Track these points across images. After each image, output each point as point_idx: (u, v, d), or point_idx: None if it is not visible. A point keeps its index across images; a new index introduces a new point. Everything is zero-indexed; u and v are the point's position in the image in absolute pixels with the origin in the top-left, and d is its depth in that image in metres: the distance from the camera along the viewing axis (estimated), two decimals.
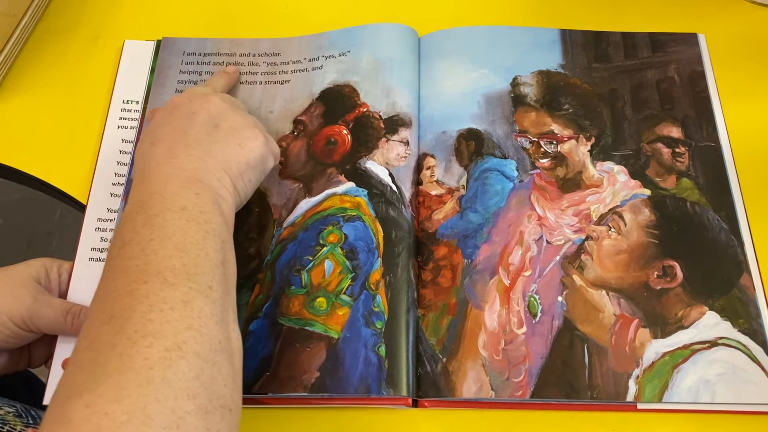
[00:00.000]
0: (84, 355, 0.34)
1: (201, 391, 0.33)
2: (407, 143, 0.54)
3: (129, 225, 0.39)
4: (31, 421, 0.46)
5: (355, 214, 0.51)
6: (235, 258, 0.42)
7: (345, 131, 0.54)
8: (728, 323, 0.47)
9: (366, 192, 0.52)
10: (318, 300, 0.48)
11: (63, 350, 0.47)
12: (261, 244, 0.50)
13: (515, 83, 0.57)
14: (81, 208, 0.53)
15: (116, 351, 0.33)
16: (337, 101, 0.56)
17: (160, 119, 0.47)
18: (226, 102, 0.48)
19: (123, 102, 0.58)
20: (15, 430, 0.44)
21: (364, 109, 0.55)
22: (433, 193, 0.53)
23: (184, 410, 0.31)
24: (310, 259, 0.49)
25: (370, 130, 0.54)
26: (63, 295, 0.49)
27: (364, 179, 0.52)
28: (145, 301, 0.35)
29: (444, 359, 0.46)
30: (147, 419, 0.30)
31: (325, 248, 0.49)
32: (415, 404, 0.46)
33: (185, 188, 0.41)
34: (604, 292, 0.48)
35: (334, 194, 0.52)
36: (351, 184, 0.52)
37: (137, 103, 0.57)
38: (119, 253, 0.38)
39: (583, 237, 0.51)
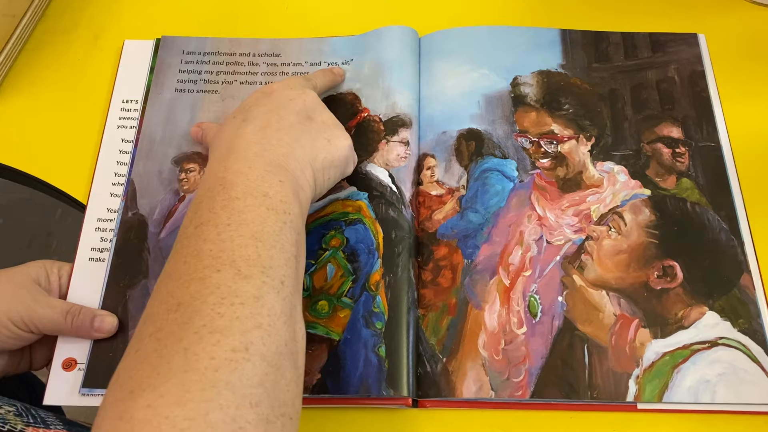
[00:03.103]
0: (148, 344, 0.33)
1: (264, 398, 0.32)
2: (407, 143, 0.54)
3: (207, 203, 0.39)
4: (31, 420, 0.46)
5: (356, 217, 0.51)
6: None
7: None
8: (728, 323, 0.47)
9: (366, 195, 0.52)
10: (320, 303, 0.48)
11: (63, 351, 0.47)
12: None
13: (515, 83, 0.57)
14: (81, 208, 0.53)
15: (181, 345, 0.32)
16: (340, 109, 0.56)
17: (255, 100, 0.47)
18: (320, 100, 0.49)
19: (123, 102, 0.57)
20: (15, 429, 0.44)
21: (365, 114, 0.55)
22: (434, 193, 0.53)
23: (245, 419, 0.31)
24: (313, 262, 0.49)
25: (371, 134, 0.54)
26: (63, 296, 0.49)
27: (365, 182, 0.52)
28: (216, 291, 0.34)
29: (444, 359, 0.46)
30: (208, 428, 0.30)
31: (327, 252, 0.49)
32: (415, 404, 0.46)
33: (270, 173, 0.41)
34: (604, 292, 0.48)
35: (336, 199, 0.52)
36: (352, 189, 0.52)
37: (137, 102, 0.57)
38: (195, 233, 0.38)
39: (583, 237, 0.51)
